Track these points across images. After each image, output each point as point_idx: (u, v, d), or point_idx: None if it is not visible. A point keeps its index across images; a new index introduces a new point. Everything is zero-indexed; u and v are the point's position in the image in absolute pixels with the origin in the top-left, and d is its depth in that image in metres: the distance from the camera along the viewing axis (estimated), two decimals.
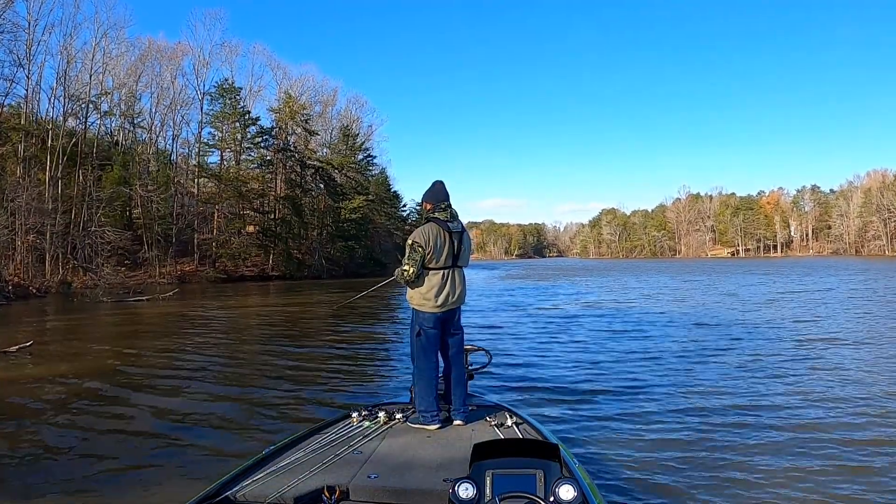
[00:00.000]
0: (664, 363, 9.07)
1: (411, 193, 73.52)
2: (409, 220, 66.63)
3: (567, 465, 2.58)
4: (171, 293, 25.27)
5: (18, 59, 34.49)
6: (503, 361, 8.99)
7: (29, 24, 34.88)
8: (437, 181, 4.15)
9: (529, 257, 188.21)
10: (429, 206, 4.10)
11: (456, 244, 4.04)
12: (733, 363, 8.94)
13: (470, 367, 4.33)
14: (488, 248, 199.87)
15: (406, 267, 3.90)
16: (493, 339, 11.66)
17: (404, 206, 70.41)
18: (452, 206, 4.10)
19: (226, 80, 49.72)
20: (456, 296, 4.05)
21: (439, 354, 4.10)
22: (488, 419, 3.78)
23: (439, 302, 3.96)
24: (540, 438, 3.31)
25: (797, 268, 50.38)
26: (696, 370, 8.47)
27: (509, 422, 3.66)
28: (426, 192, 4.15)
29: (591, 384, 7.64)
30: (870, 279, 31.30)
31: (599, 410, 6.32)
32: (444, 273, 3.98)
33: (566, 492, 2.30)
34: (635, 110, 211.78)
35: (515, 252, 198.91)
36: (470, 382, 4.25)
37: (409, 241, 3.97)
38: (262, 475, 2.83)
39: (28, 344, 10.76)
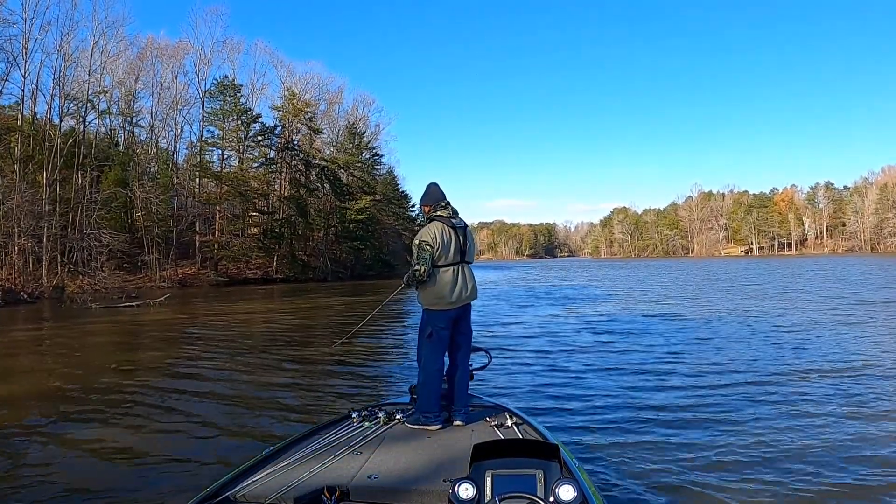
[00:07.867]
0: (676, 365, 8.47)
1: (419, 193, 71.86)
2: (418, 221, 65.26)
3: (567, 466, 2.57)
4: (163, 297, 24.07)
5: (13, 57, 33.67)
6: (503, 363, 8.72)
7: (24, 21, 34.09)
8: (430, 183, 4.20)
9: (541, 257, 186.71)
10: (428, 209, 4.11)
11: (461, 239, 4.02)
12: (746, 367, 8.18)
13: (470, 368, 4.26)
14: (499, 248, 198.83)
15: (417, 267, 3.85)
16: (493, 340, 11.11)
17: (413, 206, 69.20)
18: (451, 205, 4.11)
19: (225, 77, 48.63)
20: (469, 290, 4.03)
21: (446, 355, 4.07)
22: (488, 420, 3.74)
23: (453, 298, 3.93)
24: (540, 439, 3.28)
25: (837, 268, 45.20)
26: (710, 374, 7.80)
27: (509, 422, 3.63)
28: (422, 196, 4.19)
29: (591, 385, 7.39)
30: None
31: (600, 411, 6.12)
32: (454, 269, 3.96)
33: (566, 492, 2.25)
34: (645, 108, 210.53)
35: (526, 252, 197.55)
36: (469, 383, 4.22)
37: (416, 242, 3.94)
38: (262, 475, 2.79)
39: None
